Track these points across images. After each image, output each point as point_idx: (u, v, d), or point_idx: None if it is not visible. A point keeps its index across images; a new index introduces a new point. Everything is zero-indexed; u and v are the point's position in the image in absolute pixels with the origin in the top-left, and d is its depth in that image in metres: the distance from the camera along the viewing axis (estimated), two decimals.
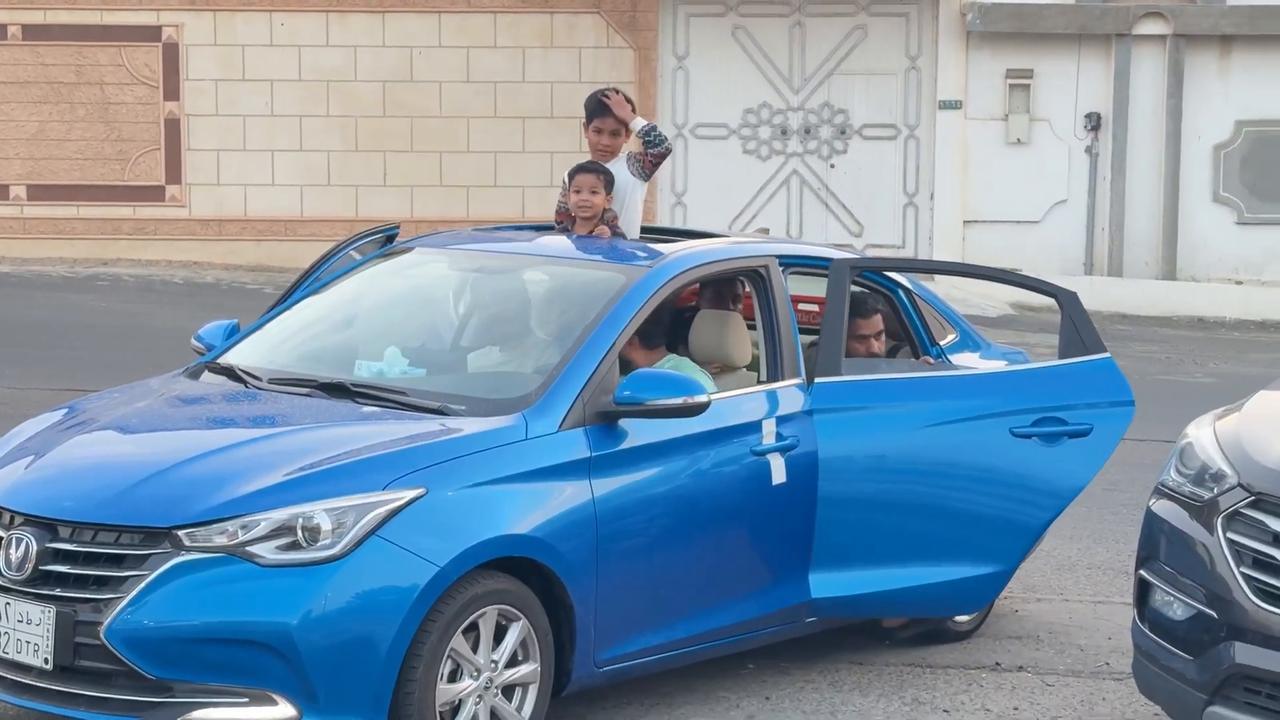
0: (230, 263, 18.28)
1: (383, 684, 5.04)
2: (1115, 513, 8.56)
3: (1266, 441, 5.32)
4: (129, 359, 7.96)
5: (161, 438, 5.78)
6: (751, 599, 6.17)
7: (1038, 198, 18.18)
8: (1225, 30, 17.88)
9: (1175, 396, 11.19)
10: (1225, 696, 5.10)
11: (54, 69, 18.52)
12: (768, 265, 6.52)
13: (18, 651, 5.11)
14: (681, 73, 18.80)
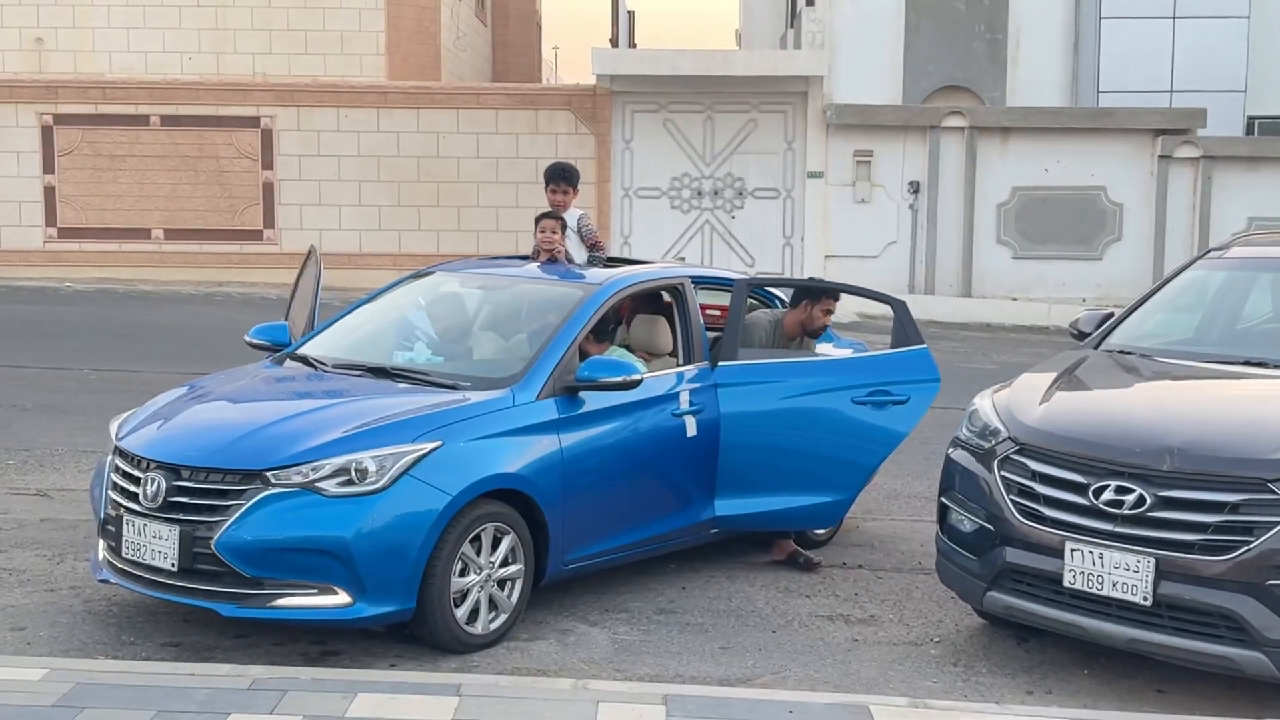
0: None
1: (412, 578, 4.93)
2: (927, 459, 8.55)
3: (1028, 408, 5.28)
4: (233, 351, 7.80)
5: (255, 405, 5.60)
6: (673, 517, 6.04)
7: (876, 239, 18.11)
8: (1005, 124, 17.88)
9: (969, 378, 11.17)
10: (999, 584, 5.07)
11: (183, 146, 18.19)
12: (684, 283, 6.39)
13: (153, 558, 4.96)
14: (628, 151, 18.65)
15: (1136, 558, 4.65)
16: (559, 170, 7.11)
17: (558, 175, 7.07)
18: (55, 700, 4.13)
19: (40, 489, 7.52)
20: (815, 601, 6.04)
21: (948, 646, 5.51)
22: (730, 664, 5.19)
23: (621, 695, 4.43)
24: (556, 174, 7.08)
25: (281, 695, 4.26)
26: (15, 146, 18.12)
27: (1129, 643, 4.76)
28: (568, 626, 5.53)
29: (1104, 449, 4.85)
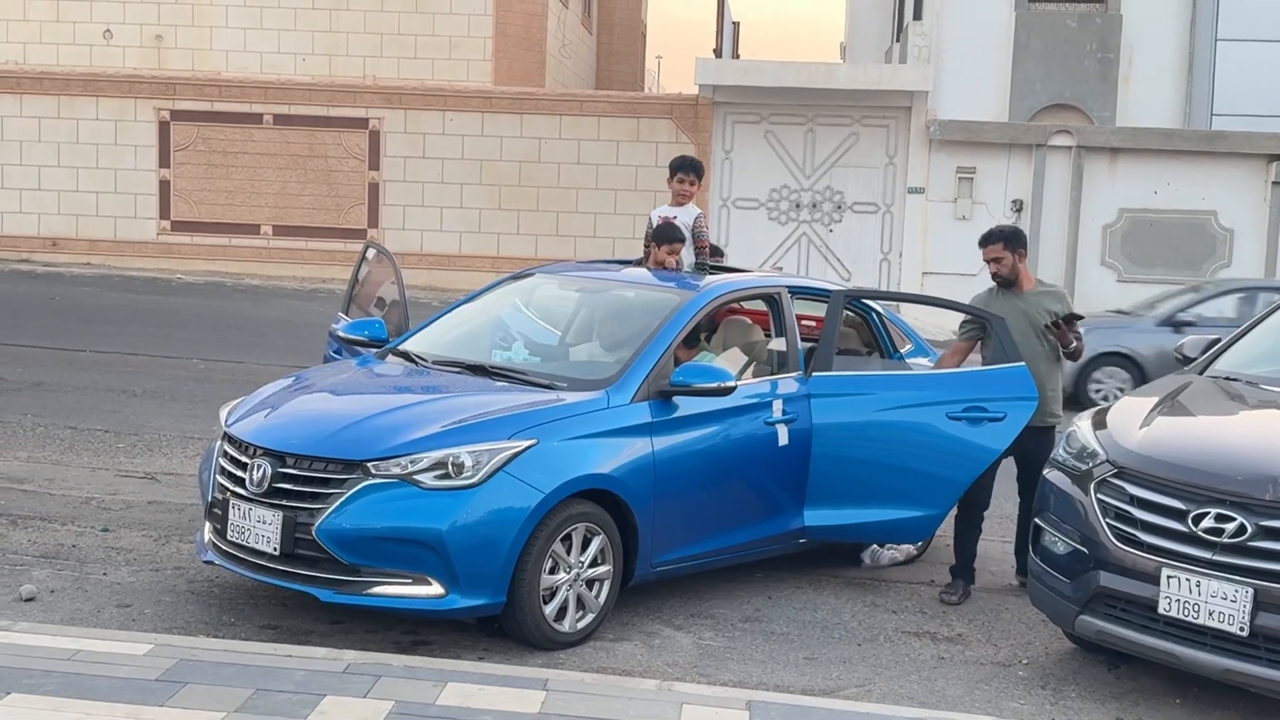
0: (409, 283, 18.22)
1: (504, 573, 4.99)
2: None
3: (1127, 431, 5.23)
4: None
5: (358, 398, 5.72)
6: (761, 524, 6.03)
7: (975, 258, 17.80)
8: (1114, 144, 17.57)
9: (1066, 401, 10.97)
10: (1091, 608, 5.02)
11: (294, 146, 18.66)
12: (781, 292, 6.41)
13: (256, 542, 5.10)
14: (728, 162, 18.70)
15: (1235, 587, 4.57)
16: (688, 161, 7.14)
17: (686, 166, 7.10)
18: (159, 675, 4.29)
19: (148, 472, 7.79)
20: (902, 617, 6.02)
21: (1036, 669, 5.45)
22: (814, 674, 5.19)
23: (705, 699, 4.47)
24: (686, 164, 7.12)
25: (375, 680, 4.37)
26: (133, 141, 18.73)
27: (1224, 673, 4.68)
28: (653, 629, 5.58)
29: (1205, 476, 4.77)
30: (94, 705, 4.00)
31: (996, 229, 6.58)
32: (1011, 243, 6.42)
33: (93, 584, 5.67)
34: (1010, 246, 6.41)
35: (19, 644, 4.46)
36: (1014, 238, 6.47)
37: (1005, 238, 6.44)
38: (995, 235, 6.48)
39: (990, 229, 6.60)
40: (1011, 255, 6.41)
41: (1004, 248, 6.40)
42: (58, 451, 8.12)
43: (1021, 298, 6.42)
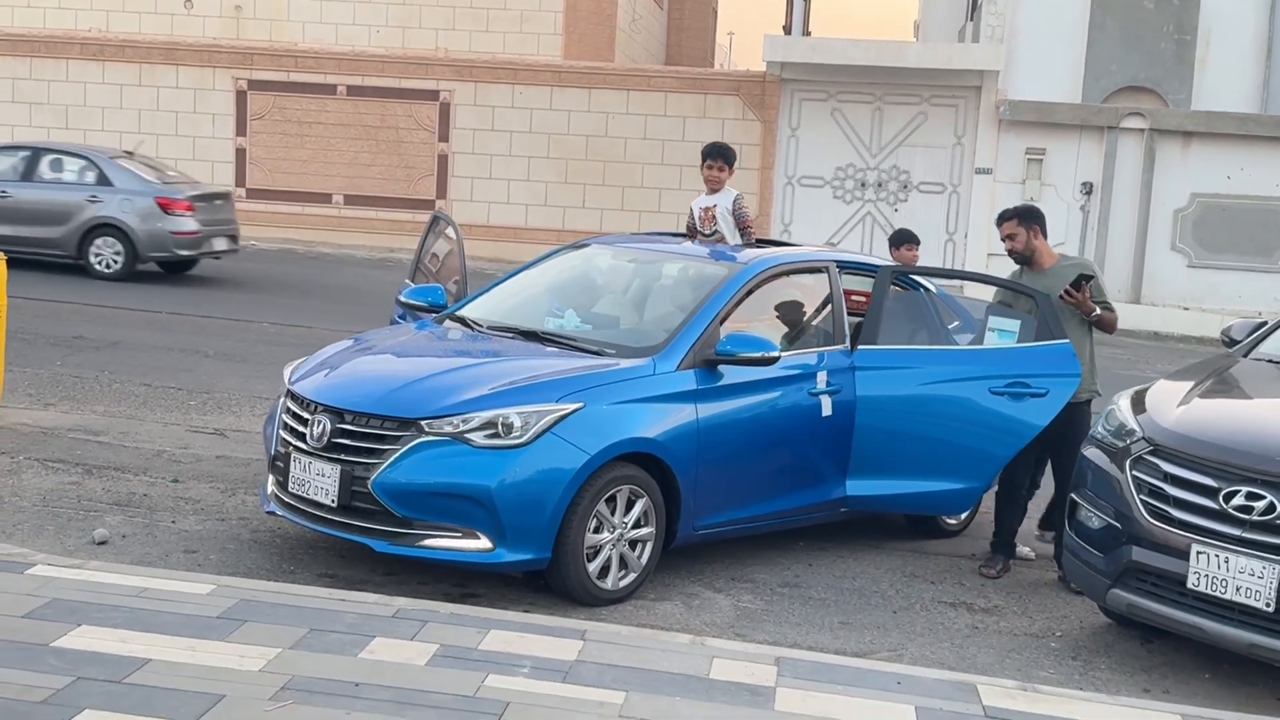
0: (474, 254, 18.35)
1: (549, 529, 5.17)
2: None
3: (1165, 410, 5.30)
4: None
5: (414, 360, 5.90)
6: (803, 492, 6.15)
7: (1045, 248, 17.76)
8: (1188, 128, 17.35)
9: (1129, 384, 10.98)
10: (1123, 582, 5.11)
11: (365, 116, 19.00)
12: (829, 266, 6.53)
13: (315, 494, 5.33)
14: (794, 139, 18.73)
15: (1263, 564, 4.65)
16: (717, 148, 7.36)
17: (714, 152, 7.32)
18: (219, 613, 4.55)
19: (217, 429, 8.11)
20: (939, 588, 6.14)
21: (1069, 641, 5.56)
22: (848, 638, 5.34)
23: (735, 653, 4.64)
24: (714, 150, 7.34)
25: (422, 625, 4.60)
26: (211, 109, 19.19)
27: (1249, 648, 4.76)
28: (694, 591, 5.75)
29: (1237, 454, 4.84)
30: (157, 638, 4.27)
31: (1012, 207, 6.64)
32: (1025, 219, 6.48)
33: (161, 530, 5.98)
34: (1024, 223, 6.47)
35: (90, 580, 4.76)
36: (1028, 215, 6.53)
37: (1019, 214, 6.51)
38: (1009, 213, 6.56)
39: (1006, 209, 6.66)
40: (1026, 232, 6.46)
41: (1018, 224, 6.47)
42: (132, 407, 8.48)
43: (1045, 274, 6.48)
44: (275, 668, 4.12)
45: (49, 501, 6.26)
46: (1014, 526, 6.48)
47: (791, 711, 4.15)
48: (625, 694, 4.16)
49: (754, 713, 4.12)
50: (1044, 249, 6.54)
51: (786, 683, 4.38)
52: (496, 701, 4.01)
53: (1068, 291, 6.29)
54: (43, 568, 4.84)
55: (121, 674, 3.97)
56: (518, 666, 4.31)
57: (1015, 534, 6.49)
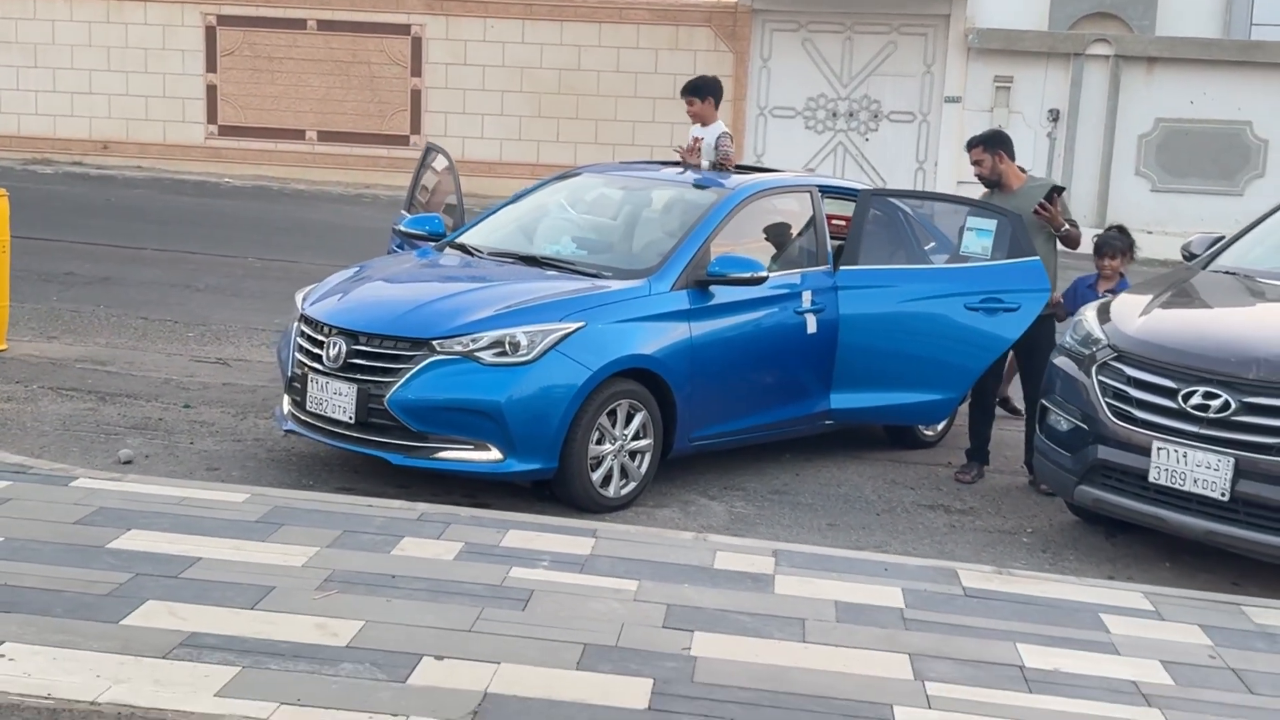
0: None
1: (556, 440, 5.51)
2: None
3: (1128, 319, 5.69)
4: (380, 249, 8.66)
5: (422, 285, 6.21)
6: (790, 406, 6.51)
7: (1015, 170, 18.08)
8: (1151, 53, 17.67)
9: None
10: (1089, 479, 5.53)
11: (337, 51, 19.02)
12: (812, 191, 6.85)
13: (333, 411, 5.64)
14: (765, 70, 18.93)
15: (1217, 458, 5.09)
16: (688, 85, 7.76)
17: (685, 90, 7.76)
18: (258, 518, 4.92)
19: (220, 358, 8.42)
20: (919, 493, 6.57)
21: (1039, 537, 6.02)
22: (835, 538, 5.77)
23: (737, 547, 5.07)
24: (686, 89, 7.77)
25: (445, 526, 4.99)
26: (180, 45, 19.18)
27: (1206, 535, 5.22)
28: (690, 499, 6.16)
29: (1195, 357, 5.27)
30: (203, 539, 4.63)
31: (978, 134, 7.04)
32: (990, 144, 6.88)
33: (182, 451, 6.31)
34: (989, 148, 6.87)
35: (131, 491, 5.11)
36: (992, 140, 6.93)
37: (984, 141, 6.92)
38: (976, 140, 6.97)
39: (974, 136, 7.05)
40: (991, 157, 6.87)
41: (983, 150, 6.87)
42: (133, 339, 8.76)
43: (1014, 195, 6.87)
44: (316, 563, 4.50)
45: (69, 426, 6.58)
46: (986, 434, 6.91)
47: (790, 594, 4.58)
48: (638, 582, 4.57)
49: (756, 596, 4.55)
50: (1011, 171, 6.93)
51: (784, 571, 4.81)
52: (523, 589, 4.42)
53: (1041, 205, 6.68)
54: (85, 480, 5.19)
55: (176, 570, 4.34)
56: (538, 560, 4.71)
57: (988, 441, 6.92)
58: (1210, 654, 4.33)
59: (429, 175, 8.34)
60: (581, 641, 4.01)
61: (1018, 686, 3.94)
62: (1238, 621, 4.67)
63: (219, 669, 3.64)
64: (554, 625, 4.13)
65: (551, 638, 4.03)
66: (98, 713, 3.37)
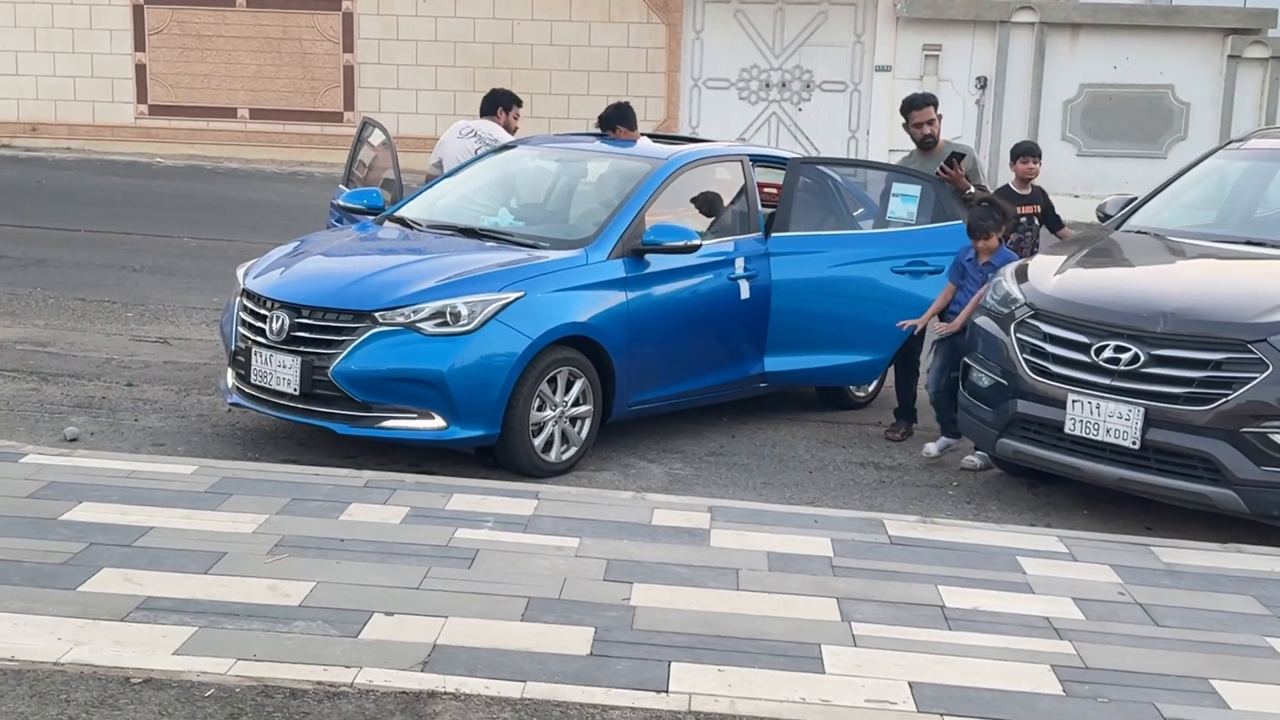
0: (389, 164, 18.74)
1: (498, 408, 5.67)
2: None
3: (1044, 278, 5.95)
4: (319, 219, 8.77)
5: (363, 258, 6.33)
6: (726, 370, 6.72)
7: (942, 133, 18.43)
8: (1075, 20, 18.05)
9: None
10: (1009, 432, 5.79)
11: (268, 28, 18.91)
12: (743, 160, 7.03)
13: (277, 384, 5.78)
14: (698, 42, 19.08)
15: (1128, 408, 5.37)
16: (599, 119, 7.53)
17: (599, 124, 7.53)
18: (207, 488, 5.05)
19: (160, 337, 8.47)
20: (850, 451, 6.81)
21: (964, 489, 6.29)
22: (770, 495, 6.00)
23: (674, 504, 5.28)
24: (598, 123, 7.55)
25: (391, 492, 5.15)
26: (108, 24, 18.96)
27: (1118, 482, 5.51)
28: (629, 462, 6.35)
29: (1106, 313, 5.55)
30: (154, 510, 4.76)
31: (925, 94, 7.29)
32: (937, 105, 7.16)
33: (126, 428, 6.40)
34: (937, 108, 7.14)
35: (81, 466, 5.22)
36: (938, 101, 7.20)
37: (935, 101, 7.17)
38: (931, 99, 7.19)
39: (919, 94, 7.30)
40: (938, 118, 7.15)
41: (935, 110, 7.13)
42: (71, 320, 8.79)
43: (936, 157, 7.16)
44: (266, 529, 4.65)
45: (12, 406, 6.64)
46: (913, 393, 7.17)
47: (725, 547, 4.80)
48: (579, 539, 4.77)
49: (692, 550, 4.76)
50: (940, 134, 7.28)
51: (720, 526, 5.03)
52: (468, 549, 4.60)
53: (942, 169, 6.97)
54: (34, 456, 5.29)
55: (129, 539, 4.47)
56: (482, 521, 4.89)
57: (915, 399, 7.17)
58: (1119, 591, 4.61)
59: (366, 150, 8.45)
60: (526, 595, 4.20)
61: (938, 625, 4.19)
62: (1146, 561, 4.96)
63: (176, 629, 3.78)
64: (499, 581, 4.32)
65: (497, 593, 4.21)
66: (61, 672, 3.51)
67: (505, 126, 8.23)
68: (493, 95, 8.49)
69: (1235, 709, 3.72)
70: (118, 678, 3.50)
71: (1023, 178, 7.72)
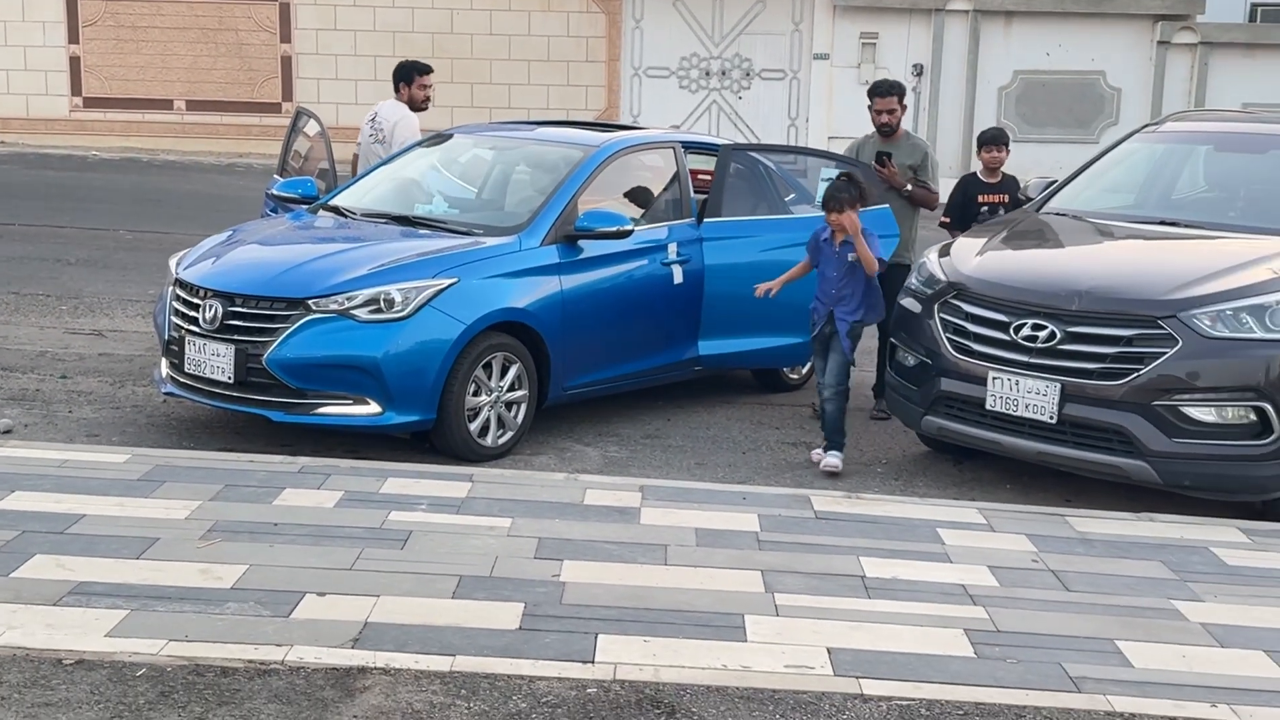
0: None
1: (433, 393, 5.74)
2: None
3: (966, 259, 6.11)
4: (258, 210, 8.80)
5: (297, 246, 6.35)
6: (660, 354, 6.81)
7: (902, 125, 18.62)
8: (1009, 7, 18.30)
9: None
10: (934, 409, 5.94)
11: (204, 19, 18.77)
12: (675, 146, 7.13)
13: (212, 373, 5.79)
14: (638, 31, 19.16)
15: (1046, 384, 5.54)
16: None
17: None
18: (140, 476, 5.09)
19: (95, 329, 8.45)
20: (783, 432, 6.95)
21: (892, 467, 6.45)
22: (703, 475, 6.12)
23: (606, 485, 5.39)
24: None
25: (326, 477, 5.21)
26: (41, 17, 18.73)
27: (1038, 455, 5.68)
28: (565, 446, 6.45)
29: (1024, 292, 5.71)
30: (87, 498, 4.80)
31: (893, 83, 7.38)
32: (902, 95, 7.28)
33: (61, 419, 6.40)
34: (901, 99, 7.27)
35: (12, 456, 5.23)
36: (903, 91, 7.35)
37: (901, 91, 7.31)
38: (897, 87, 7.31)
39: (885, 81, 7.41)
40: (900, 107, 7.27)
41: (900, 100, 7.27)
42: (4, 313, 8.73)
43: (897, 145, 7.30)
44: (199, 515, 4.70)
45: None
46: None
47: (654, 524, 4.91)
48: (512, 519, 4.86)
49: (623, 528, 4.87)
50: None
51: (650, 504, 5.14)
52: (401, 530, 4.68)
53: (876, 164, 7.11)
54: None
55: (61, 527, 4.51)
56: (415, 504, 4.97)
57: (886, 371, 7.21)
58: (1033, 559, 4.78)
59: (301, 140, 8.47)
60: (457, 574, 4.29)
61: (858, 594, 4.32)
62: (1061, 530, 5.13)
63: (108, 613, 3.84)
64: (431, 561, 4.40)
65: (428, 572, 4.30)
66: None
67: (411, 100, 8.21)
68: (394, 72, 8.45)
69: (1138, 667, 3.89)
70: (50, 659, 3.55)
71: (989, 166, 7.53)
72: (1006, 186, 7.51)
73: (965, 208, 7.43)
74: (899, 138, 7.37)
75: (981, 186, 7.51)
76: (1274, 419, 5.24)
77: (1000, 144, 7.53)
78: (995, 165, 7.54)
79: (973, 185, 7.52)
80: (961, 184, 7.58)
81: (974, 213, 7.34)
